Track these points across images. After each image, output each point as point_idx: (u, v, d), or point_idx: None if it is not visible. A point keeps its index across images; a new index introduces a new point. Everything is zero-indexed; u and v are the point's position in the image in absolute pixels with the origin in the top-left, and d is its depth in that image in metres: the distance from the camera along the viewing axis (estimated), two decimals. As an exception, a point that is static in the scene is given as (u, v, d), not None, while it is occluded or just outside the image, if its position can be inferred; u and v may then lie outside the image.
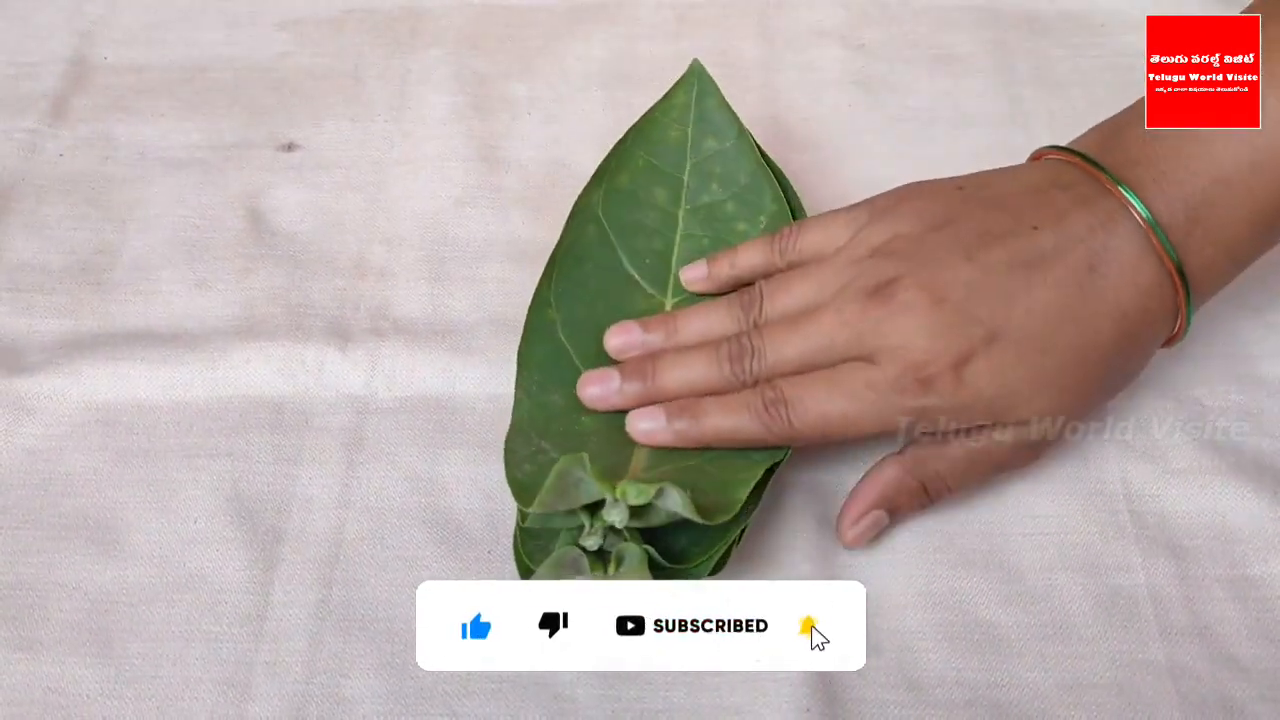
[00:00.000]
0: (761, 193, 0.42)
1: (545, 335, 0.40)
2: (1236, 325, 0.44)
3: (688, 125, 0.44)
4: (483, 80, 0.53)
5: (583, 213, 0.42)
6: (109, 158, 0.50)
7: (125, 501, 0.40)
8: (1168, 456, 0.41)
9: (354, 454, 0.41)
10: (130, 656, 0.37)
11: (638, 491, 0.34)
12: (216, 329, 0.44)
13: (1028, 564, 0.38)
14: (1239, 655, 0.37)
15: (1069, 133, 0.50)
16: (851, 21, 0.55)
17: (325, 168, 0.50)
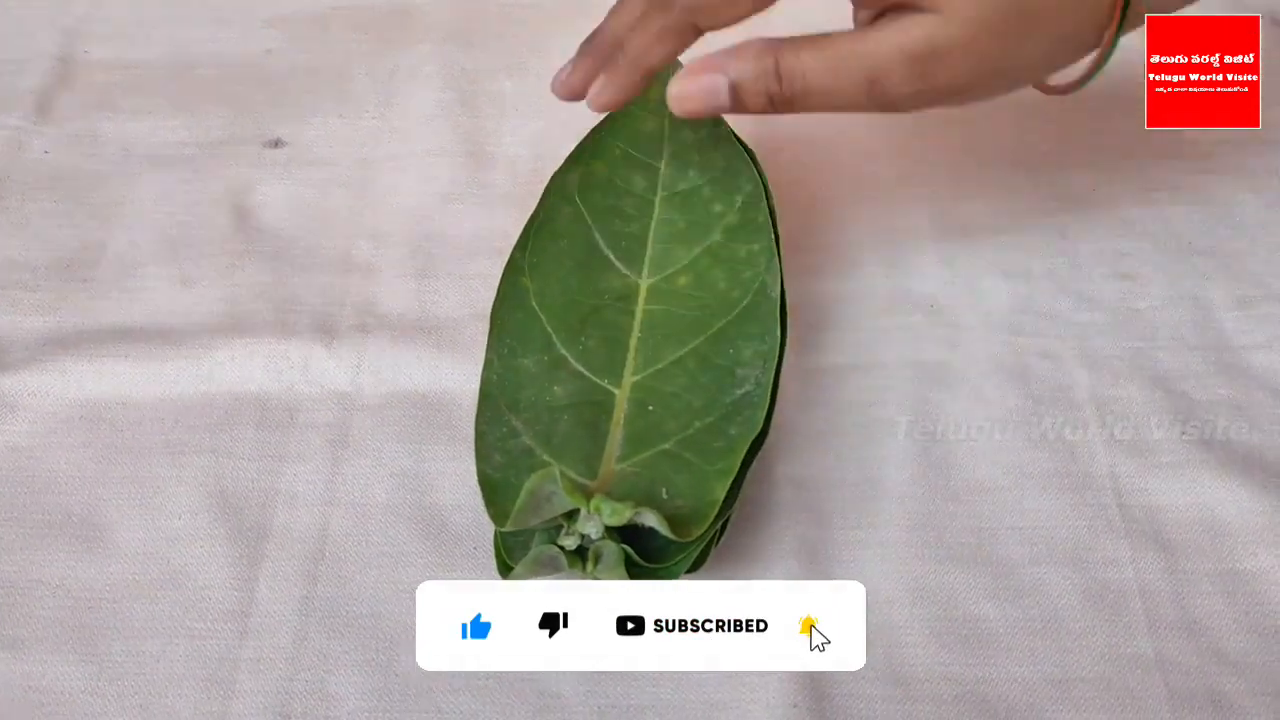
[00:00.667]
0: (738, 174, 0.42)
1: (518, 302, 0.40)
2: (1224, 318, 0.44)
3: (664, 117, 0.44)
4: (470, 76, 0.53)
5: (558, 192, 0.43)
6: (94, 154, 0.50)
7: (109, 498, 0.40)
8: (1156, 450, 0.40)
9: (339, 450, 0.41)
10: (113, 654, 0.37)
11: (611, 510, 0.34)
12: (201, 325, 0.44)
13: (1016, 558, 0.38)
14: (1228, 649, 0.36)
15: (1058, 128, 0.50)
16: (841, 17, 0.55)
17: (312, 164, 0.50)
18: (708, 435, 0.37)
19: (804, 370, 0.43)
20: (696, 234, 0.41)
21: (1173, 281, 0.45)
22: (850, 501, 0.40)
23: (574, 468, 0.36)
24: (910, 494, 0.40)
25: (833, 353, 0.43)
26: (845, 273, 0.46)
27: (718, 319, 0.39)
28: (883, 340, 0.44)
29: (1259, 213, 0.47)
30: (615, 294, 0.40)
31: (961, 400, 0.42)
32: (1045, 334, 0.43)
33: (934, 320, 0.44)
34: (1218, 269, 0.45)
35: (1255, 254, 0.46)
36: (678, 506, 0.35)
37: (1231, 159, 0.48)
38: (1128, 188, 0.48)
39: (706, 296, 0.40)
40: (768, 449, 0.38)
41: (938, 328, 0.44)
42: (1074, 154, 0.49)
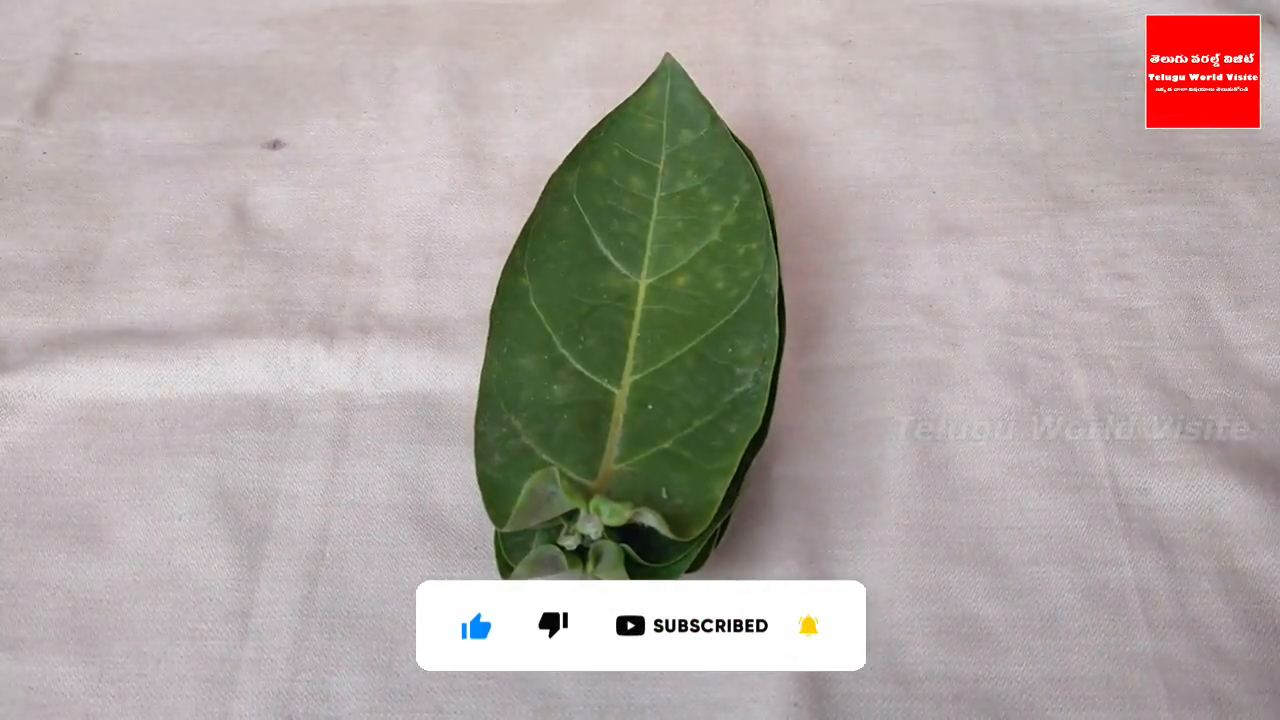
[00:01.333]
0: (735, 174, 0.42)
1: (517, 302, 0.40)
2: (1222, 318, 0.44)
3: (662, 118, 0.44)
4: (469, 77, 0.53)
5: (556, 192, 0.43)
6: (93, 155, 0.50)
7: (109, 499, 0.40)
8: (1154, 449, 0.41)
9: (339, 451, 0.41)
10: (114, 655, 0.37)
11: (611, 511, 0.34)
12: (201, 326, 0.44)
13: (1015, 557, 0.38)
14: (1227, 647, 0.37)
15: (1055, 128, 0.50)
16: (838, 18, 0.55)
17: (311, 165, 0.50)
18: (707, 434, 0.37)
19: (803, 371, 0.43)
20: (695, 234, 0.41)
21: (1171, 281, 0.45)
22: (849, 501, 0.40)
23: (573, 467, 0.36)
24: (909, 494, 0.40)
25: (831, 353, 0.43)
26: (843, 273, 0.46)
27: (716, 318, 0.39)
28: (881, 340, 0.44)
29: (1257, 213, 0.47)
30: (614, 294, 0.40)
31: (960, 400, 0.42)
32: (1044, 334, 0.44)
33: (933, 320, 0.44)
34: (1216, 269, 0.45)
35: (1253, 254, 0.46)
36: (677, 506, 0.35)
37: (1231, 159, 0.48)
38: (1127, 188, 0.48)
39: (705, 296, 0.40)
40: (767, 449, 0.38)
41: (936, 328, 0.44)
42: (1074, 154, 0.49)
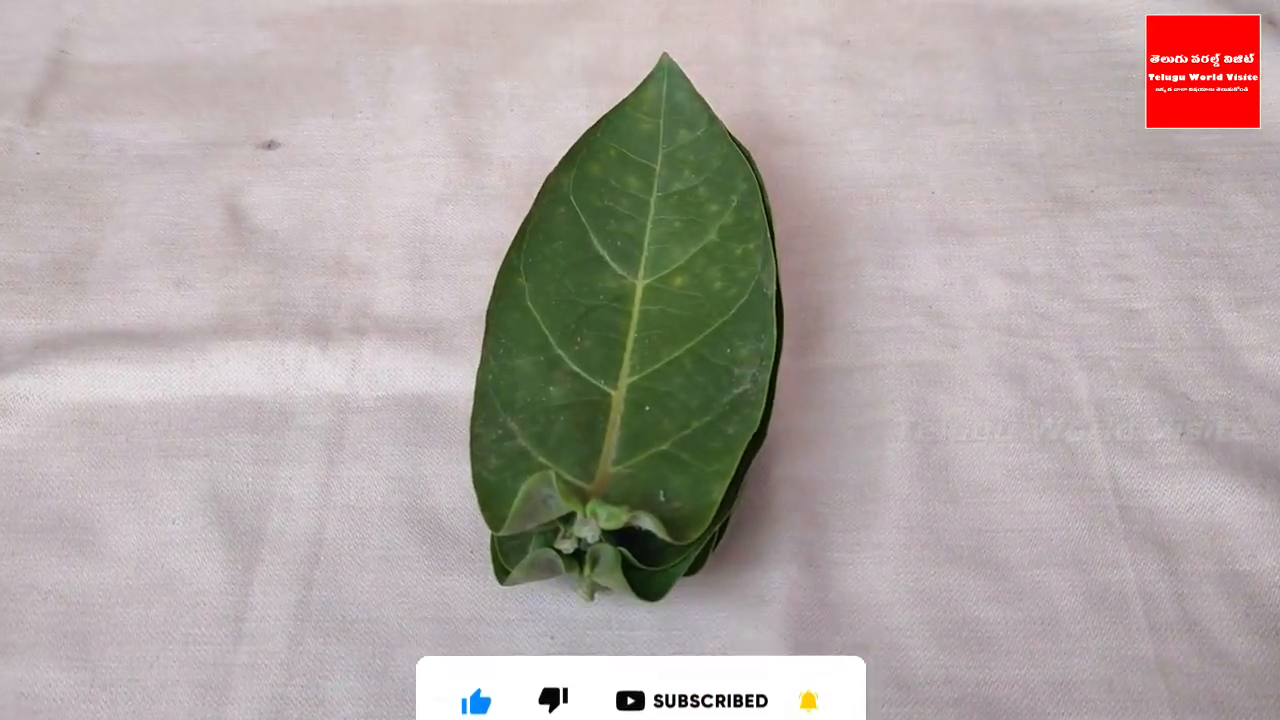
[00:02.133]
0: (733, 174, 0.42)
1: (514, 303, 0.40)
2: (1223, 319, 0.44)
3: (659, 118, 0.44)
4: (465, 77, 0.53)
5: (552, 193, 0.42)
6: (86, 156, 0.50)
7: (102, 502, 0.39)
8: (1155, 452, 0.40)
9: (335, 453, 0.41)
10: (106, 659, 0.36)
11: (608, 515, 0.34)
12: (195, 328, 0.43)
13: (1016, 560, 0.38)
14: (1229, 651, 0.36)
15: (1054, 128, 0.50)
16: (835, 18, 0.55)
17: (306, 165, 0.49)
18: (705, 435, 0.37)
19: (802, 372, 0.42)
20: (692, 234, 0.41)
21: (1172, 282, 0.45)
22: (849, 503, 0.39)
23: (570, 470, 0.36)
24: (909, 496, 0.39)
25: (830, 354, 0.43)
26: (843, 274, 0.46)
27: (714, 319, 0.39)
28: (881, 342, 0.43)
29: (1258, 213, 0.47)
30: (611, 294, 0.40)
31: (960, 402, 0.42)
32: (1044, 335, 0.43)
33: (932, 321, 0.44)
34: (1216, 270, 0.45)
35: (1254, 255, 0.45)
36: (675, 509, 0.35)
37: (1231, 159, 0.48)
38: (1127, 188, 0.48)
39: (703, 296, 0.40)
40: (765, 451, 0.38)
41: (936, 329, 0.44)
42: (1073, 154, 0.49)
